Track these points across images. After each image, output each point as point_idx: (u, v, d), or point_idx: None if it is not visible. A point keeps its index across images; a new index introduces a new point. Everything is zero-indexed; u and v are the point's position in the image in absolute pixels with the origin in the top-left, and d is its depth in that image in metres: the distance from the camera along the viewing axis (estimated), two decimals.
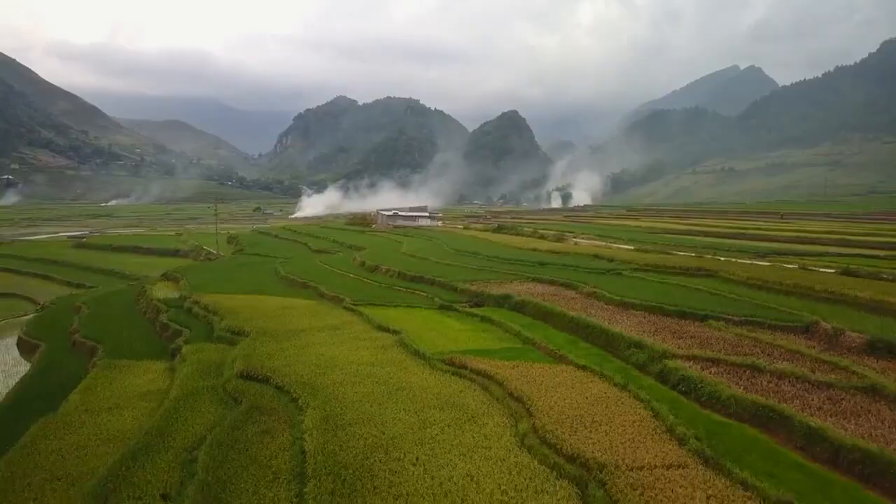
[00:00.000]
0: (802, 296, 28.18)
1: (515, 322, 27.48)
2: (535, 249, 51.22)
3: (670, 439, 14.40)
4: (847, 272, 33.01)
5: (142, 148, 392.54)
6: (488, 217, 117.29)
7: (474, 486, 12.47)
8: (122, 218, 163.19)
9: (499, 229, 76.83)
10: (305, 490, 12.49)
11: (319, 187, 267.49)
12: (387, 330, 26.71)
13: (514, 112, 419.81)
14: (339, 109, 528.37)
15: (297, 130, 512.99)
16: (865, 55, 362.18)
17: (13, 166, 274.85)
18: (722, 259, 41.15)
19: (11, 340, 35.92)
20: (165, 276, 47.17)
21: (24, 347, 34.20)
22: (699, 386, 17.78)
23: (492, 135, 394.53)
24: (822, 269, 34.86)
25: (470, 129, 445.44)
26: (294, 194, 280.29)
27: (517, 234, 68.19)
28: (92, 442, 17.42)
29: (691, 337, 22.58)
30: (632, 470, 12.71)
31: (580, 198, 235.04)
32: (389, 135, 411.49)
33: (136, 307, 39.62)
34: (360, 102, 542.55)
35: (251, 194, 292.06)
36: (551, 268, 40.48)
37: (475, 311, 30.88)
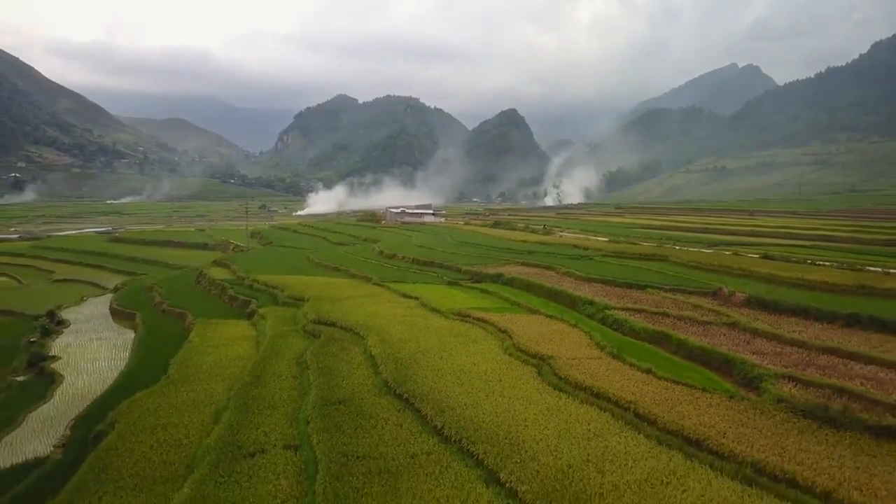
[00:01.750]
0: (722, 272, 37.28)
1: (505, 292, 36.60)
2: (525, 241, 60.33)
3: (596, 347, 23.60)
4: (766, 256, 42.13)
5: (145, 146, 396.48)
6: (487, 214, 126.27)
7: (475, 367, 21.59)
8: (132, 215, 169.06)
9: (496, 225, 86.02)
10: (379, 369, 21.57)
11: (325, 184, 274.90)
12: (409, 297, 35.85)
13: (514, 110, 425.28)
14: (340, 108, 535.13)
15: (297, 128, 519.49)
16: (857, 56, 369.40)
17: (20, 164, 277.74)
18: (677, 248, 50.25)
19: (105, 311, 44.86)
20: (216, 263, 56.14)
21: (117, 316, 43.18)
22: (624, 324, 26.87)
23: (491, 133, 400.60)
24: (749, 255, 43.95)
25: (469, 128, 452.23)
26: (296, 192, 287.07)
27: (512, 229, 77.36)
28: (223, 360, 26.45)
29: (630, 298, 31.71)
30: (568, 359, 21.80)
31: (571, 196, 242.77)
32: (390, 132, 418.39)
33: (197, 287, 48.62)
34: (360, 101, 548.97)
35: (253, 192, 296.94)
36: (537, 255, 49.52)
37: (475, 285, 39.97)
